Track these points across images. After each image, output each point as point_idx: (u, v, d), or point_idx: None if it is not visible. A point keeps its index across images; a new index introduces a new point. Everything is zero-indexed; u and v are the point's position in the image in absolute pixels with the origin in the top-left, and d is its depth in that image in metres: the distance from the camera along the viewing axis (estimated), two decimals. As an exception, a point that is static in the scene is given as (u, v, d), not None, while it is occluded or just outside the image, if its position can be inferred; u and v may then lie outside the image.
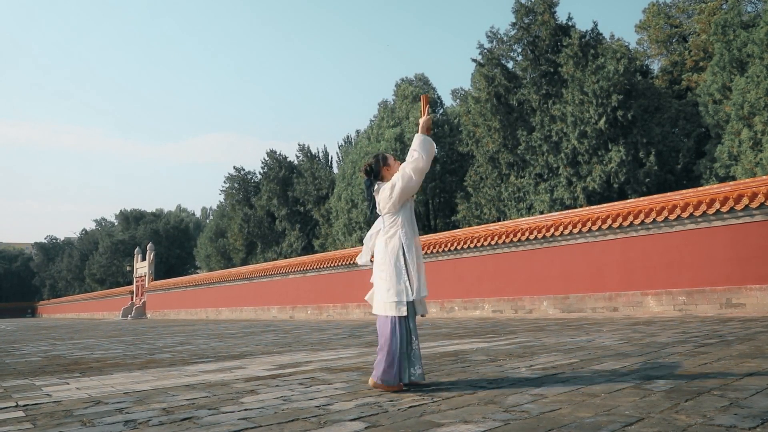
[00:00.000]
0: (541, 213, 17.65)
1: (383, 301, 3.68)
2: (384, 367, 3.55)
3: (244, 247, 34.44)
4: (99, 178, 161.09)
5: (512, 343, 6.59)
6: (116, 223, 56.79)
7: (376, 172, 3.88)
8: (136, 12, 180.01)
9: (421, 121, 3.84)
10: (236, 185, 36.60)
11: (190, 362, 6.10)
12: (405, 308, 3.60)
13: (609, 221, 12.21)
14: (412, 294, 3.63)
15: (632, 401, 2.99)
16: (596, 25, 19.29)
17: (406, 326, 3.63)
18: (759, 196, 10.06)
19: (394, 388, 3.57)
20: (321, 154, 33.72)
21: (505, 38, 20.29)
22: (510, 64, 20.58)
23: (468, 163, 22.54)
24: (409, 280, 3.64)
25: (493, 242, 14.62)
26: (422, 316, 3.81)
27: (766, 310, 9.79)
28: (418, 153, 3.70)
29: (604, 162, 17.42)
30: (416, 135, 3.77)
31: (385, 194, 3.77)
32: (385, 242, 3.79)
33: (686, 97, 19.42)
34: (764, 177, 10.80)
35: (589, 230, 12.53)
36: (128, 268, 44.48)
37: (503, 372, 4.28)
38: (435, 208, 25.12)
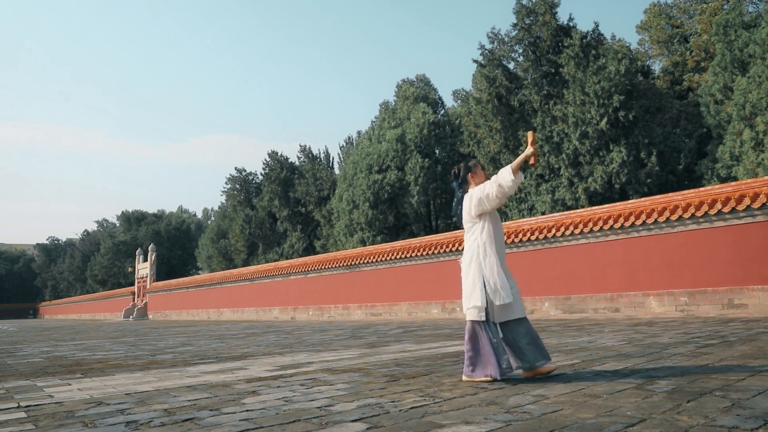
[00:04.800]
0: (543, 213, 17.65)
1: (464, 306, 4.03)
2: (465, 365, 3.94)
3: (245, 248, 34.46)
4: (100, 179, 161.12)
5: (514, 344, 6.57)
6: (118, 224, 56.83)
7: (463, 177, 4.23)
8: (136, 12, 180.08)
9: (528, 152, 3.95)
10: (237, 186, 36.64)
11: (191, 363, 6.11)
12: (482, 313, 3.90)
13: (610, 222, 12.20)
14: (484, 301, 3.90)
15: (634, 402, 2.98)
16: (597, 26, 19.26)
17: (488, 328, 3.92)
18: (761, 196, 10.04)
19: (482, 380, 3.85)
20: (322, 155, 33.73)
21: (506, 39, 20.27)
22: (511, 65, 20.57)
23: (469, 164, 22.53)
24: (485, 286, 3.91)
25: (494, 243, 14.60)
26: (494, 323, 3.98)
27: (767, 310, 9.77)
28: (505, 186, 3.88)
29: (606, 162, 17.41)
30: (514, 171, 3.88)
31: (466, 204, 4.09)
32: (465, 250, 4.12)
33: (687, 98, 19.39)
34: (766, 177, 10.78)
35: (591, 231, 12.52)
36: (130, 269, 44.52)
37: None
38: (436, 208, 25.12)
